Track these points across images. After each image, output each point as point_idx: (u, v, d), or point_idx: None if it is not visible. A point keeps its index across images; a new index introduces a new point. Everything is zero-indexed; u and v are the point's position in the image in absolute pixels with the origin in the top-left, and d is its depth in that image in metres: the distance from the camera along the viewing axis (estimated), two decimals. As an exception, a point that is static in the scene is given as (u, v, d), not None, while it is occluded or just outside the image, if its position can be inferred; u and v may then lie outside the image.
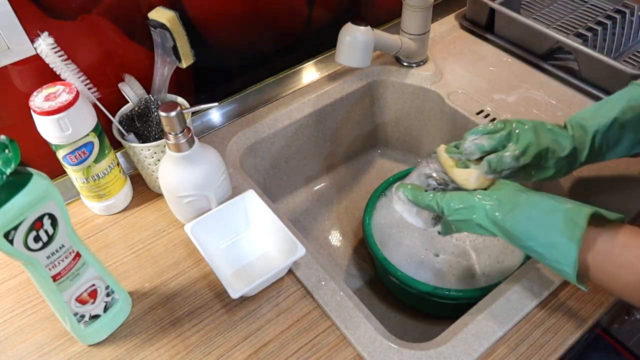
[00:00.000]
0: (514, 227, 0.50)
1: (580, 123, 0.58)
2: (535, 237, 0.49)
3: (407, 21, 0.85)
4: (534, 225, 0.49)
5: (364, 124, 0.96)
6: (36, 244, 0.48)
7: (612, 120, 0.57)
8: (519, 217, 0.50)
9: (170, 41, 0.67)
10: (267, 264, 0.65)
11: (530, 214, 0.50)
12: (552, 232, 0.48)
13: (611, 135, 0.58)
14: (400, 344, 0.56)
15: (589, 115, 0.59)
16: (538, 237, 0.49)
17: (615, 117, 0.57)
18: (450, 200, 0.55)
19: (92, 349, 0.58)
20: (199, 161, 0.63)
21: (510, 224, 0.50)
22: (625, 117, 0.57)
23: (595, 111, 0.59)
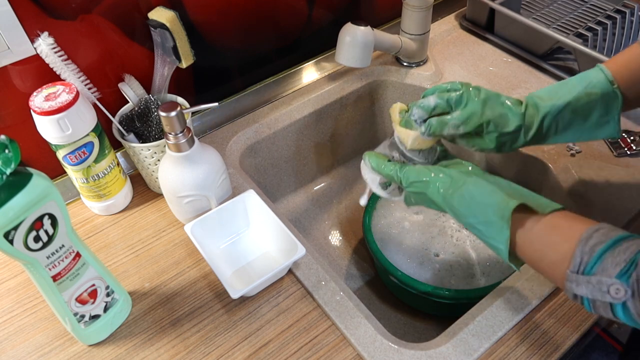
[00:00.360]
0: (459, 203, 0.52)
1: (535, 102, 0.58)
2: (475, 214, 0.51)
3: (407, 21, 0.85)
4: (475, 203, 0.51)
5: (364, 124, 0.96)
6: (36, 244, 0.48)
7: (565, 104, 0.57)
8: (464, 195, 0.52)
9: (170, 41, 0.67)
10: (267, 264, 0.65)
11: (473, 193, 0.52)
12: (488, 210, 0.50)
13: (561, 119, 0.58)
14: (400, 344, 0.56)
15: (547, 94, 0.58)
16: (477, 215, 0.51)
17: (569, 101, 0.56)
18: (408, 172, 0.57)
19: (92, 349, 0.58)
20: (199, 161, 0.63)
21: (456, 201, 0.53)
22: (579, 102, 0.56)
23: (553, 91, 0.58)
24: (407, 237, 0.79)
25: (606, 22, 0.90)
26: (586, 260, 0.43)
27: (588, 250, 0.43)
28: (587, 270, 0.43)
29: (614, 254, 0.42)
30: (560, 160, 0.74)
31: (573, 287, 0.43)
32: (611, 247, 0.42)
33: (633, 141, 0.74)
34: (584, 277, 0.43)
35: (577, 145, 0.75)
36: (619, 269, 0.41)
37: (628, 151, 0.73)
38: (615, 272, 0.41)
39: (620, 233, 0.43)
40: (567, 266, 0.44)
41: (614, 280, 0.41)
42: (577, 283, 0.43)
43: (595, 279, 0.42)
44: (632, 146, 0.74)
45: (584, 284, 0.43)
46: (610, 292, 0.41)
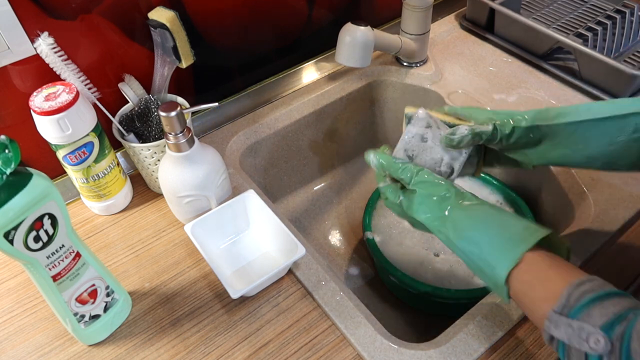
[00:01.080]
0: (465, 220, 0.50)
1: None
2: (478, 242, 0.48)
3: (407, 21, 0.85)
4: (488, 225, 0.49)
5: (364, 124, 0.96)
6: (36, 244, 0.48)
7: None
8: (472, 216, 0.50)
9: (170, 41, 0.67)
10: (267, 264, 0.65)
11: (488, 214, 0.50)
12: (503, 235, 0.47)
13: None
14: (400, 344, 0.56)
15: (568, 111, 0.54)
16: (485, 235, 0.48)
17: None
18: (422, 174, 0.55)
19: (92, 349, 0.58)
20: (199, 161, 0.63)
21: (463, 217, 0.50)
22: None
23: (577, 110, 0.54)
24: (407, 237, 0.79)
25: (606, 22, 0.90)
26: (572, 304, 0.41)
27: (577, 294, 0.41)
28: (571, 313, 0.40)
29: (602, 305, 0.40)
30: (560, 160, 0.74)
31: (552, 328, 0.41)
32: (602, 297, 0.40)
33: (633, 141, 0.74)
34: (566, 320, 0.40)
35: (577, 145, 0.75)
36: (605, 320, 0.39)
37: (628, 151, 0.73)
38: (601, 323, 0.39)
39: (612, 288, 0.41)
40: (551, 305, 0.42)
41: (597, 330, 0.38)
42: (556, 324, 0.41)
43: (577, 324, 0.39)
44: (632, 146, 0.73)
45: (564, 327, 0.40)
46: (589, 341, 0.38)
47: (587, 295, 0.41)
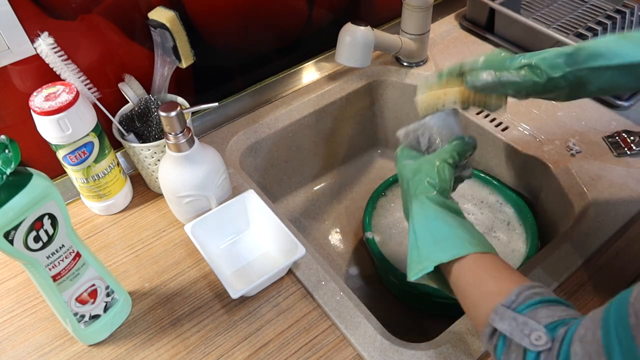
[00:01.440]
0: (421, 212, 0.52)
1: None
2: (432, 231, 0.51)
3: (407, 21, 0.85)
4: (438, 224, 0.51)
5: (364, 124, 0.96)
6: (36, 244, 0.48)
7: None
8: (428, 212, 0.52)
9: (170, 41, 0.67)
10: (267, 264, 0.65)
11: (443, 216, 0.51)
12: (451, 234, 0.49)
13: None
14: (400, 344, 0.56)
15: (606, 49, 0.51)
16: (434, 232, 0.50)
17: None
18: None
19: (92, 349, 0.58)
20: (199, 161, 0.63)
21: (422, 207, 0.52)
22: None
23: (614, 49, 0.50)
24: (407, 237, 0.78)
25: (606, 22, 0.90)
26: (521, 301, 0.41)
27: (527, 294, 0.42)
28: (518, 310, 0.41)
29: (550, 308, 0.40)
30: (560, 160, 0.74)
31: (496, 320, 0.41)
32: (551, 302, 0.41)
33: (633, 141, 0.74)
34: (512, 313, 0.41)
35: (577, 145, 0.75)
36: (550, 321, 0.39)
37: (628, 151, 0.73)
38: (545, 322, 0.39)
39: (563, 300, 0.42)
40: (500, 300, 0.42)
41: (540, 327, 0.39)
42: (501, 317, 0.41)
43: (522, 318, 0.40)
44: (632, 146, 0.74)
45: (509, 320, 0.40)
46: (531, 336, 0.39)
47: (537, 296, 0.41)
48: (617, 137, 0.75)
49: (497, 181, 0.82)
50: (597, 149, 0.75)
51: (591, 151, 0.74)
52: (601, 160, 0.73)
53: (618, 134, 0.76)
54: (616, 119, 0.79)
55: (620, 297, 0.34)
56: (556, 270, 0.61)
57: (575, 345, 0.35)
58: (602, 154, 0.74)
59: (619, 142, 0.75)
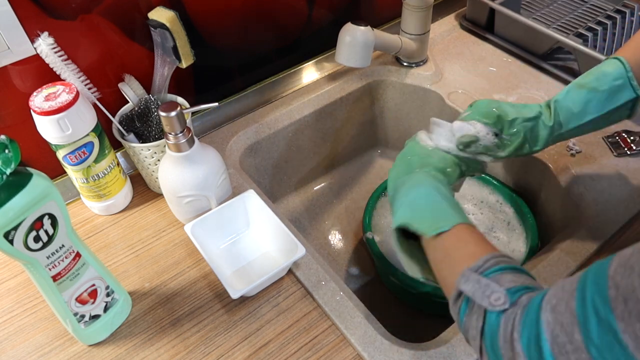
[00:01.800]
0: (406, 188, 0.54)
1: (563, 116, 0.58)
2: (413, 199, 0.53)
3: (407, 21, 0.85)
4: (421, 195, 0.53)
5: (364, 124, 0.96)
6: (36, 244, 0.48)
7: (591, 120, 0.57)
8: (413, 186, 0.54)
9: (170, 41, 0.67)
10: (267, 264, 0.65)
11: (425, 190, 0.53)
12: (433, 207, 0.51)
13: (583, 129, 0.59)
14: (400, 344, 0.56)
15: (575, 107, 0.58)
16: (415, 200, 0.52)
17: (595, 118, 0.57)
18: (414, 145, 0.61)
19: (92, 349, 0.58)
20: (199, 161, 0.63)
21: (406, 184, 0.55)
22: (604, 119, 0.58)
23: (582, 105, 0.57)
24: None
25: (606, 22, 0.90)
26: (488, 266, 0.43)
27: (495, 261, 0.43)
28: (485, 273, 0.43)
29: (515, 275, 0.42)
30: (560, 160, 0.74)
31: (461, 282, 0.43)
32: (517, 270, 0.43)
33: (633, 141, 0.74)
34: (476, 276, 0.42)
35: (577, 145, 0.75)
36: (512, 285, 0.41)
37: (628, 151, 0.73)
38: (507, 286, 0.41)
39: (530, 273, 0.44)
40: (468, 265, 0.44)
41: (501, 290, 0.40)
42: (466, 279, 0.43)
43: (485, 281, 0.41)
44: (632, 146, 0.74)
45: (473, 282, 0.42)
46: (491, 297, 0.40)
47: (503, 263, 0.43)
48: (617, 137, 0.75)
49: (497, 181, 0.82)
50: (597, 149, 0.75)
51: (591, 151, 0.74)
52: (601, 160, 0.73)
53: (618, 134, 0.76)
54: (616, 119, 0.79)
55: (597, 269, 0.34)
56: (556, 270, 0.61)
57: (547, 314, 0.36)
58: (602, 154, 0.74)
59: (619, 142, 0.75)
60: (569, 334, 0.34)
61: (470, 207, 0.82)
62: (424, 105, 0.91)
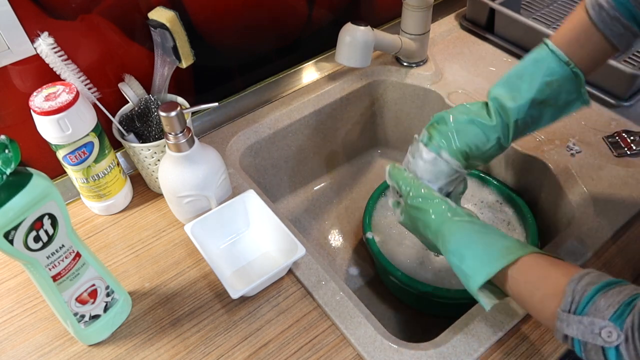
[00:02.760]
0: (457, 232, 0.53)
1: (501, 104, 0.58)
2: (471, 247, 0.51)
3: (407, 21, 0.85)
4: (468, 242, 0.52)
5: (364, 124, 0.96)
6: (36, 244, 0.48)
7: (530, 101, 0.56)
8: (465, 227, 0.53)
9: (170, 41, 0.67)
10: (267, 264, 0.65)
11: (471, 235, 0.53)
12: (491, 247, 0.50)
13: (530, 115, 0.58)
14: (400, 344, 0.56)
15: (507, 93, 0.58)
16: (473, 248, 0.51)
17: (533, 97, 0.56)
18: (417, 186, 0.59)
19: (92, 349, 0.58)
20: (199, 161, 0.63)
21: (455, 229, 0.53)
22: (543, 94, 0.56)
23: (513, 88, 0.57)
24: (407, 237, 0.79)
25: (606, 22, 0.90)
26: (578, 300, 0.41)
27: (580, 289, 0.42)
28: (579, 310, 0.41)
29: (606, 295, 0.40)
30: (560, 160, 0.74)
31: (564, 327, 0.42)
32: (604, 288, 0.41)
33: (633, 141, 0.74)
34: (575, 317, 0.41)
35: (577, 145, 0.75)
36: (613, 311, 0.39)
37: (628, 151, 0.73)
38: (609, 314, 0.39)
39: (610, 277, 0.42)
40: (557, 302, 0.43)
41: (607, 323, 0.39)
42: (567, 323, 0.41)
43: (587, 319, 0.40)
44: (632, 146, 0.74)
45: (575, 324, 0.41)
46: (602, 334, 0.39)
47: (589, 287, 0.41)
48: (617, 137, 0.75)
49: (497, 181, 0.82)
50: (597, 149, 0.75)
51: (591, 151, 0.74)
52: (601, 160, 0.73)
53: (618, 134, 0.76)
54: (616, 119, 0.79)
55: None
56: (556, 270, 0.61)
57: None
58: (602, 154, 0.74)
59: (619, 142, 0.75)
60: None
61: (470, 207, 0.82)
62: (424, 105, 0.91)
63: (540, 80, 0.56)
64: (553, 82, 0.56)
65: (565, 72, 0.55)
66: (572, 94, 0.56)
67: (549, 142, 0.77)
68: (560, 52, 0.55)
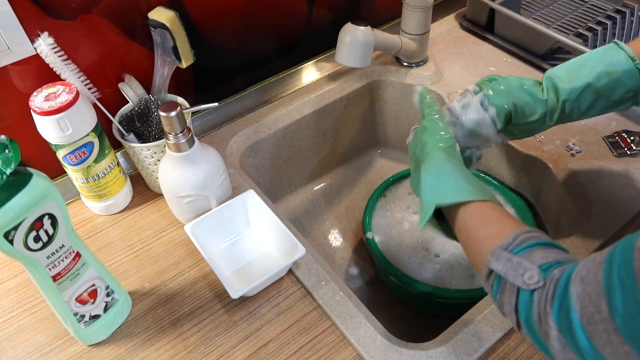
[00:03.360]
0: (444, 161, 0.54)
1: (555, 84, 0.58)
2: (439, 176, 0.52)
3: (407, 21, 0.85)
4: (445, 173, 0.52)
5: (364, 124, 0.96)
6: (36, 244, 0.48)
7: (586, 86, 0.56)
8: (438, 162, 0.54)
9: (170, 41, 0.67)
10: (267, 264, 0.65)
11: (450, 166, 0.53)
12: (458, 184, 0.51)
13: (583, 101, 0.57)
14: (400, 344, 0.56)
15: (566, 75, 0.58)
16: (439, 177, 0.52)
17: (590, 82, 0.56)
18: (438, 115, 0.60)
19: (92, 349, 0.58)
20: (199, 161, 0.63)
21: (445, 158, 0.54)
22: (599, 82, 0.56)
23: (572, 71, 0.57)
24: (407, 237, 0.79)
25: (606, 22, 0.90)
26: (517, 243, 0.43)
27: (525, 237, 0.43)
28: (514, 251, 0.42)
29: (546, 250, 0.42)
30: (560, 160, 0.74)
31: (492, 261, 0.43)
32: (547, 245, 0.42)
33: (633, 141, 0.74)
34: (508, 255, 0.42)
35: (577, 145, 0.75)
36: (544, 262, 0.40)
37: (628, 151, 0.73)
38: (539, 263, 0.40)
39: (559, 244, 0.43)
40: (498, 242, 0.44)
41: (533, 267, 0.40)
42: (497, 258, 0.43)
43: (517, 259, 0.41)
44: (632, 146, 0.74)
45: (504, 261, 0.42)
46: (524, 276, 0.40)
47: (533, 239, 0.43)
48: (617, 137, 0.75)
49: (497, 181, 0.82)
50: (597, 149, 0.75)
51: (591, 151, 0.74)
52: (601, 160, 0.73)
53: (618, 134, 0.76)
54: (616, 119, 0.79)
55: (625, 241, 0.35)
56: (556, 270, 0.61)
57: (576, 285, 0.36)
58: (602, 154, 0.74)
59: (619, 142, 0.75)
60: (597, 305, 0.34)
61: (470, 207, 0.82)
62: (424, 105, 0.91)
63: (602, 69, 0.56)
64: (613, 73, 0.55)
65: (629, 66, 0.55)
66: (629, 91, 0.56)
67: (549, 142, 0.77)
68: (629, 49, 0.56)
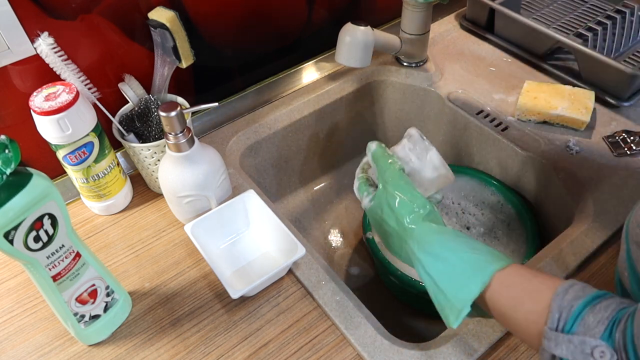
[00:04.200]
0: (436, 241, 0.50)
1: None
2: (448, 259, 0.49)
3: (407, 21, 0.85)
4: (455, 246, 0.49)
5: (364, 124, 0.96)
6: (36, 244, 0.48)
7: None
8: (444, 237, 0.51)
9: (170, 41, 0.67)
10: (267, 264, 0.65)
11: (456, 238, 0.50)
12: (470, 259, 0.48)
13: None
14: (400, 344, 0.56)
15: None
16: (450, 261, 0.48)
17: None
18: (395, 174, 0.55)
19: (92, 349, 0.58)
20: (199, 161, 0.63)
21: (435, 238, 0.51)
22: None
23: None
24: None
25: (606, 22, 0.90)
26: (565, 317, 0.40)
27: (566, 304, 0.40)
28: (567, 327, 0.39)
29: (594, 311, 0.39)
30: (560, 160, 0.74)
31: (552, 346, 0.39)
32: (590, 303, 0.40)
33: (633, 141, 0.74)
34: (564, 336, 0.39)
35: (577, 145, 0.75)
36: (603, 328, 0.38)
37: (628, 151, 0.73)
38: (599, 333, 0.38)
39: (594, 289, 0.41)
40: (543, 321, 0.41)
41: (599, 342, 0.37)
42: (556, 342, 0.39)
43: (577, 339, 0.38)
44: (632, 146, 0.74)
45: (565, 344, 0.39)
46: (594, 354, 0.37)
47: (576, 303, 0.40)
48: (617, 137, 0.75)
49: (497, 181, 0.82)
50: (597, 149, 0.75)
51: (591, 151, 0.74)
52: (601, 160, 0.73)
53: (618, 134, 0.76)
54: (616, 119, 0.79)
55: None
56: (556, 270, 0.61)
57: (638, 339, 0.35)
58: (602, 154, 0.74)
59: (619, 142, 0.75)
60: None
61: (471, 208, 0.82)
62: (423, 105, 0.91)
63: None
64: None
65: None
66: None
67: (549, 142, 0.77)
68: None
